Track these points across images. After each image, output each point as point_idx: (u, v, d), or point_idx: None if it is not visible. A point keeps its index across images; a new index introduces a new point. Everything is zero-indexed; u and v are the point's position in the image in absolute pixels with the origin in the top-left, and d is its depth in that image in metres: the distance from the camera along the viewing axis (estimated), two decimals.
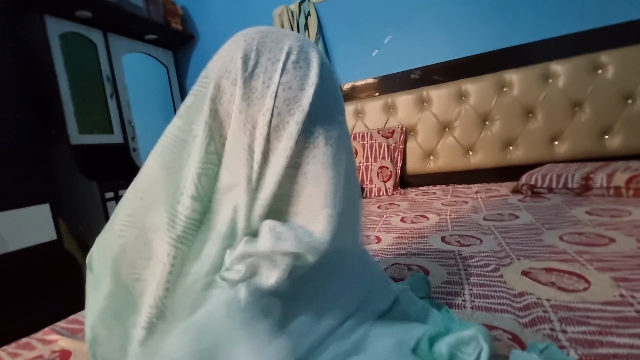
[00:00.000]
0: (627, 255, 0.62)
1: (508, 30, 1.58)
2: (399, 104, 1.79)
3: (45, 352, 0.56)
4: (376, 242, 0.91)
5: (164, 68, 2.33)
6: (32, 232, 1.43)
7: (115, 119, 1.89)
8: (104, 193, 1.57)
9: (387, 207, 1.35)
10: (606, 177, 1.06)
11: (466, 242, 0.81)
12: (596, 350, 0.38)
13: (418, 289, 0.55)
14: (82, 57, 1.76)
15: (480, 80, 1.60)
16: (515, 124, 1.55)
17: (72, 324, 0.67)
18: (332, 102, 0.39)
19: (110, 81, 1.87)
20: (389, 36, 1.81)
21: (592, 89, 1.40)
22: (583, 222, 0.84)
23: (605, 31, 1.41)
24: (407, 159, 1.78)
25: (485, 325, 0.46)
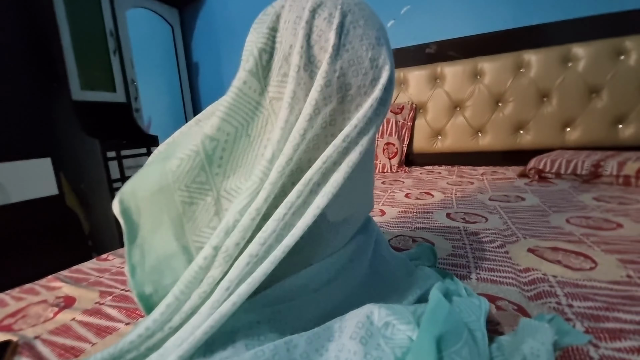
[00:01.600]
0: (634, 240, 0.62)
1: (530, 8, 1.50)
2: (411, 79, 1.74)
3: (49, 297, 0.56)
4: (380, 214, 0.90)
5: (169, 27, 2.24)
6: (33, 185, 1.42)
7: (117, 77, 1.84)
8: (106, 152, 1.55)
9: (391, 183, 1.34)
10: (617, 165, 1.04)
11: (472, 219, 0.81)
12: (602, 324, 0.38)
13: (424, 258, 0.55)
14: (85, 9, 1.68)
15: (497, 59, 1.54)
16: (528, 107, 1.51)
17: (76, 273, 0.67)
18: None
19: (113, 37, 1.80)
20: (406, 6, 1.73)
21: (612, 75, 1.36)
22: (590, 207, 0.83)
23: (632, 15, 1.34)
24: (414, 137, 1.76)
25: (491, 295, 0.46)
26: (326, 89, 0.34)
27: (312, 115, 0.34)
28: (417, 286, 0.43)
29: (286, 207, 0.34)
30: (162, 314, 0.34)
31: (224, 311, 0.31)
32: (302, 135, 0.34)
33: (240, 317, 0.35)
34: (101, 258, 0.75)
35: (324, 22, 0.35)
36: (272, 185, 0.34)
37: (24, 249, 1.38)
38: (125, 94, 1.88)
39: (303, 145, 0.35)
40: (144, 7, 2.05)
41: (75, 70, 1.59)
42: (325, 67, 0.34)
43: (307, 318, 0.37)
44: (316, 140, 0.36)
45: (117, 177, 1.59)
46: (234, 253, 0.34)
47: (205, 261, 0.35)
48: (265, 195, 0.34)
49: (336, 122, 0.36)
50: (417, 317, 0.33)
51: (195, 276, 0.35)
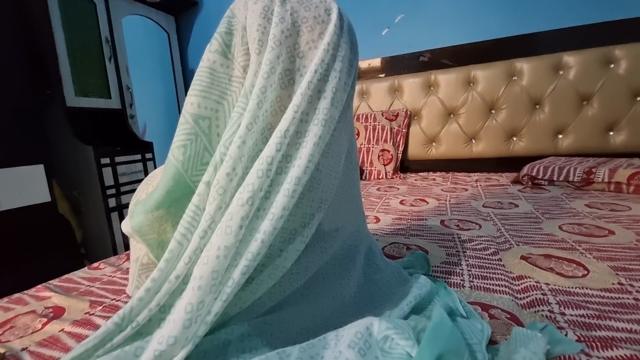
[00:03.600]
0: (626, 247, 0.62)
1: (522, 17, 1.53)
2: (405, 87, 1.75)
3: (38, 308, 0.55)
4: (375, 222, 0.90)
5: (165, 33, 2.25)
6: (26, 192, 1.41)
7: (113, 84, 1.83)
8: (100, 159, 1.54)
9: (386, 189, 1.34)
10: (609, 171, 1.06)
11: (465, 226, 0.81)
12: (594, 332, 0.38)
13: (418, 266, 0.55)
14: (81, 16, 1.69)
15: (490, 67, 1.56)
16: (521, 115, 1.53)
17: (66, 282, 0.66)
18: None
19: (109, 43, 1.80)
20: (400, 15, 1.75)
21: (602, 83, 1.38)
22: (583, 214, 0.84)
23: (622, 24, 1.37)
24: (409, 144, 1.77)
25: (484, 304, 0.46)
26: (281, 24, 0.37)
27: (273, 49, 0.37)
28: (411, 295, 0.43)
29: (269, 155, 0.35)
30: (167, 261, 0.34)
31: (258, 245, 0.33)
32: (270, 68, 0.37)
33: (233, 329, 0.34)
34: (92, 267, 0.74)
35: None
36: (251, 113, 0.36)
37: (15, 256, 1.36)
38: (120, 100, 1.88)
39: (274, 77, 0.37)
40: (140, 14, 2.05)
41: (70, 77, 1.59)
42: (277, 10, 0.38)
43: (298, 329, 0.37)
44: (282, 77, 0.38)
45: (111, 184, 1.58)
46: (226, 185, 0.35)
47: (199, 198, 0.35)
48: (246, 123, 0.35)
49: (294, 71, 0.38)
50: (417, 333, 0.33)
51: (193, 217, 0.35)
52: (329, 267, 0.42)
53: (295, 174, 0.35)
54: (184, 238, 0.35)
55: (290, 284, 0.39)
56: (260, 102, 0.36)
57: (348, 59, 0.39)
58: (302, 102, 0.36)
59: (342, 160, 0.43)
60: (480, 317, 0.42)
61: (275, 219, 0.34)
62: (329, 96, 0.37)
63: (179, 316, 0.31)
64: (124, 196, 1.63)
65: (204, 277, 0.32)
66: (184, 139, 0.39)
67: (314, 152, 0.36)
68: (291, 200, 0.35)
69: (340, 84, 0.38)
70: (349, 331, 0.33)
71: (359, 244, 0.48)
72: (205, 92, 0.39)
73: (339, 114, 0.39)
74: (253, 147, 0.36)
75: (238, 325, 0.35)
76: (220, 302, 0.32)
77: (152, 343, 0.31)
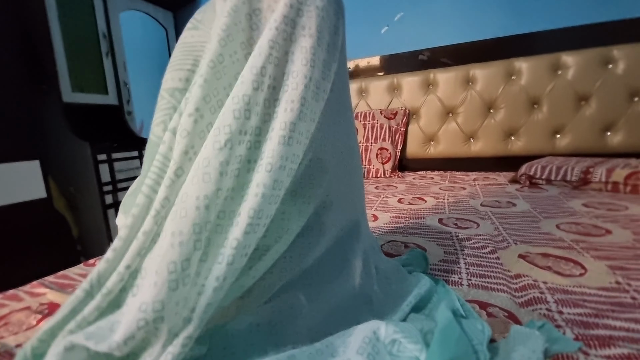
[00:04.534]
0: (623, 246, 0.62)
1: (521, 17, 1.53)
2: (404, 85, 1.75)
3: (33, 304, 0.55)
4: (373, 220, 0.90)
5: (163, 30, 2.23)
6: (21, 188, 1.40)
7: (110, 79, 1.82)
8: (96, 155, 1.53)
9: (384, 188, 1.34)
10: (606, 171, 1.06)
11: (463, 225, 0.81)
12: (592, 331, 0.38)
13: (416, 264, 0.55)
14: (78, 11, 1.67)
15: (489, 66, 1.56)
16: (519, 114, 1.53)
17: (61, 279, 0.65)
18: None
19: (106, 39, 1.79)
20: (400, 13, 1.75)
21: (600, 83, 1.38)
22: (580, 213, 0.84)
23: (620, 25, 1.37)
24: (407, 142, 1.77)
25: (482, 302, 0.46)
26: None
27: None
28: (411, 295, 0.43)
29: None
30: (134, 217, 0.31)
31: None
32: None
33: (241, 320, 0.33)
34: (88, 263, 0.74)
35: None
36: (212, 49, 0.33)
37: (10, 253, 1.35)
38: (117, 96, 1.86)
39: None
40: (138, 9, 2.04)
41: (67, 72, 1.57)
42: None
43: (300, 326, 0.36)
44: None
45: (108, 181, 1.56)
46: (190, 127, 0.31)
47: (165, 146, 0.33)
48: (208, 60, 0.33)
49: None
50: (424, 335, 0.33)
51: (160, 167, 0.32)
52: (328, 257, 0.42)
53: (289, 119, 0.32)
54: (152, 191, 0.32)
55: (287, 267, 0.38)
56: (223, 40, 0.33)
57: (326, 9, 0.36)
58: (277, 37, 0.33)
59: (342, 127, 0.41)
60: (479, 316, 0.42)
61: (274, 169, 0.31)
62: (313, 34, 0.34)
63: (160, 278, 0.27)
64: (120, 193, 1.62)
65: (184, 231, 0.28)
66: (162, 114, 0.36)
67: (305, 94, 0.33)
68: (288, 149, 0.31)
69: (325, 25, 0.35)
70: (356, 337, 0.33)
71: (360, 234, 0.47)
72: (176, 65, 0.37)
73: (333, 62, 0.36)
74: (224, 90, 0.33)
75: (247, 315, 0.34)
76: (225, 265, 0.29)
77: (129, 314, 0.27)
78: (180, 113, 0.33)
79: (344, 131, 0.43)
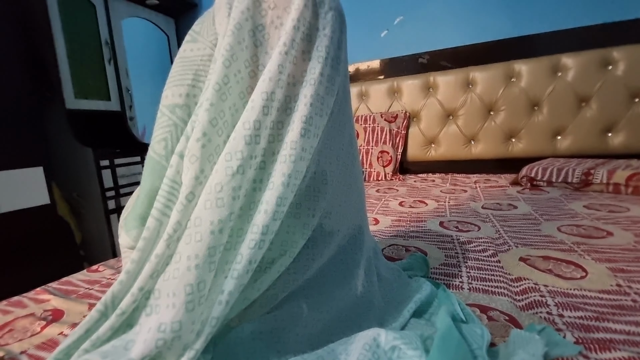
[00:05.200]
0: (624, 248, 0.62)
1: (520, 19, 1.54)
2: (405, 89, 1.76)
3: (37, 311, 0.55)
4: (374, 223, 0.90)
5: (165, 36, 2.25)
6: (25, 195, 1.41)
7: (112, 86, 1.84)
8: (99, 161, 1.54)
9: (385, 191, 1.34)
10: (607, 173, 1.06)
11: (464, 228, 0.81)
12: (593, 334, 0.38)
13: (417, 268, 0.55)
14: (81, 18, 1.69)
15: (488, 68, 1.57)
16: (519, 116, 1.53)
17: (65, 285, 0.66)
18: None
19: (108, 46, 1.81)
20: (399, 17, 1.76)
21: (600, 85, 1.39)
22: (581, 215, 0.84)
23: (620, 26, 1.38)
24: (408, 145, 1.77)
25: (482, 306, 0.46)
26: (240, 5, 0.35)
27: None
28: (412, 301, 0.43)
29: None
30: (145, 240, 0.32)
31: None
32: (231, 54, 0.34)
33: (244, 327, 0.34)
34: (92, 269, 0.74)
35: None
36: (216, 73, 0.34)
37: (14, 259, 1.35)
38: (119, 102, 1.88)
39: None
40: (140, 16, 2.06)
41: (70, 79, 1.59)
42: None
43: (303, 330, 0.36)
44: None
45: (111, 186, 1.57)
46: (198, 152, 0.32)
47: (173, 170, 0.33)
48: (213, 83, 0.34)
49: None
50: (424, 341, 0.33)
51: (169, 191, 0.33)
52: (331, 266, 0.42)
53: (292, 139, 0.33)
54: (162, 214, 0.33)
55: (290, 279, 0.39)
56: (227, 61, 0.34)
57: (331, 26, 0.36)
58: (285, 61, 0.34)
59: (345, 136, 0.41)
60: (479, 320, 0.42)
61: (275, 187, 0.32)
62: (320, 55, 0.35)
63: (179, 300, 0.28)
64: (123, 198, 1.63)
65: (199, 255, 0.30)
66: (163, 132, 0.36)
67: (311, 113, 0.33)
68: (292, 166, 0.32)
69: (331, 44, 0.36)
70: (356, 344, 0.33)
71: (361, 238, 0.48)
72: (176, 80, 0.37)
73: (337, 75, 0.36)
74: (229, 110, 0.34)
75: (249, 323, 0.35)
76: (232, 280, 0.30)
77: (146, 332, 0.28)
78: (187, 136, 0.34)
79: (346, 141, 0.43)
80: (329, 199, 0.40)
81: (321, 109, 0.35)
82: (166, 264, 0.31)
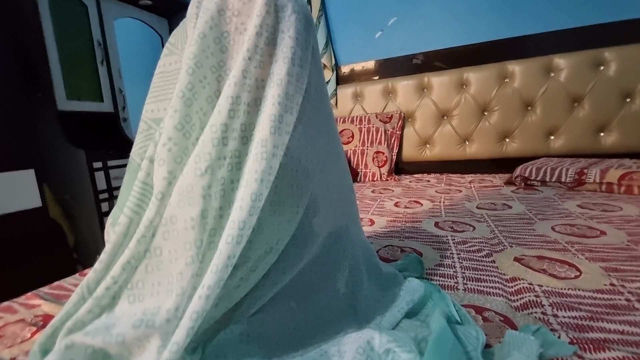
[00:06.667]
0: (617, 247, 0.63)
1: (513, 20, 1.55)
2: (399, 89, 1.76)
3: (27, 316, 0.54)
4: (369, 224, 0.90)
5: (158, 37, 2.24)
6: (16, 197, 1.39)
7: (105, 87, 1.82)
8: (92, 162, 1.52)
9: (381, 191, 1.35)
10: (600, 172, 1.07)
11: (459, 228, 0.81)
12: (587, 334, 0.38)
13: (412, 269, 0.55)
14: (72, 19, 1.67)
15: (482, 69, 1.58)
16: (513, 116, 1.54)
17: (56, 289, 0.65)
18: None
19: (101, 46, 1.79)
20: (393, 18, 1.76)
21: (593, 85, 1.40)
22: (575, 215, 0.85)
23: (611, 27, 1.39)
24: (403, 146, 1.77)
25: (477, 306, 0.46)
26: (204, 14, 0.36)
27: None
28: (404, 301, 0.43)
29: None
30: (117, 235, 0.36)
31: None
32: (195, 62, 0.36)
33: (232, 329, 0.34)
34: (83, 273, 0.73)
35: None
36: (182, 81, 0.36)
37: (6, 263, 1.33)
38: (112, 103, 1.86)
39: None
40: (133, 16, 2.04)
41: (61, 80, 1.57)
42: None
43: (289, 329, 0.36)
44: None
45: (104, 188, 1.56)
46: (165, 155, 0.35)
47: (143, 173, 0.36)
48: (178, 90, 0.35)
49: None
50: (418, 343, 0.33)
51: (140, 192, 0.36)
52: (314, 265, 0.42)
53: (261, 137, 0.34)
54: (134, 213, 0.36)
55: (278, 279, 0.39)
56: (190, 69, 0.35)
57: (295, 28, 0.37)
58: (249, 66, 0.35)
59: (324, 135, 0.43)
60: (474, 321, 0.42)
61: (249, 184, 0.33)
62: (285, 57, 0.36)
63: (163, 288, 0.32)
64: (116, 200, 1.61)
65: (178, 250, 0.32)
66: (148, 143, 0.39)
67: (278, 111, 0.34)
68: (265, 163, 0.33)
69: (299, 45, 0.37)
70: (350, 347, 0.33)
71: (348, 240, 0.48)
72: (159, 95, 0.39)
73: (305, 74, 0.37)
74: (196, 114, 0.35)
75: (237, 325, 0.35)
76: (212, 274, 0.31)
77: (132, 316, 0.32)
78: (155, 142, 0.36)
79: (325, 140, 0.44)
80: (315, 196, 0.40)
81: (291, 106, 0.36)
82: (139, 259, 0.34)
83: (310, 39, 0.39)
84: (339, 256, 0.45)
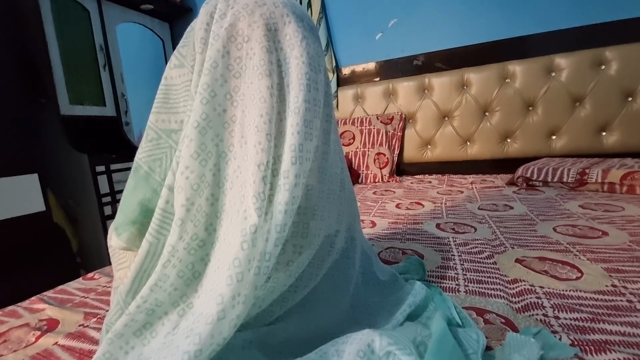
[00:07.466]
0: (619, 248, 0.63)
1: (514, 20, 1.55)
2: (400, 90, 1.76)
3: (32, 320, 0.55)
4: (371, 226, 0.90)
5: (160, 41, 2.25)
6: (20, 202, 1.40)
7: (107, 91, 1.83)
8: (95, 167, 1.53)
9: (382, 193, 1.35)
10: (602, 172, 1.06)
11: (461, 229, 0.81)
12: (588, 336, 0.38)
13: (413, 271, 0.55)
14: (75, 24, 1.68)
15: (483, 70, 1.58)
16: (514, 117, 1.54)
17: (60, 294, 0.66)
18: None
19: (103, 51, 1.80)
20: (393, 19, 1.76)
21: (594, 84, 1.40)
22: (577, 215, 0.85)
23: (612, 26, 1.39)
24: (404, 147, 1.77)
25: (479, 309, 0.46)
26: (221, 20, 0.37)
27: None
28: (406, 304, 0.43)
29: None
30: (142, 258, 0.36)
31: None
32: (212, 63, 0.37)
33: (236, 335, 0.34)
34: (87, 277, 0.74)
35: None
36: (196, 110, 0.36)
37: (10, 267, 1.34)
38: (115, 108, 1.87)
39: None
40: (135, 21, 2.05)
41: (64, 85, 1.58)
42: (220, 6, 0.38)
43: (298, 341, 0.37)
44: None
45: (107, 192, 1.57)
46: (184, 184, 0.35)
47: (163, 201, 0.37)
48: (192, 120, 0.36)
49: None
50: (417, 346, 0.33)
51: (161, 219, 0.37)
52: (324, 280, 0.42)
53: (284, 169, 0.35)
54: (154, 238, 0.37)
55: (293, 295, 0.40)
56: (205, 99, 0.36)
57: (307, 53, 0.38)
58: (270, 109, 0.36)
59: (333, 148, 0.43)
60: (475, 323, 0.42)
61: (275, 217, 0.34)
62: (302, 82, 0.36)
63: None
64: (118, 204, 1.62)
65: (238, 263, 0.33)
66: (160, 152, 0.40)
67: (298, 140, 0.35)
68: (287, 195, 0.34)
69: (314, 68, 0.38)
70: (350, 348, 0.33)
71: (353, 250, 0.48)
72: (170, 107, 0.40)
73: (320, 97, 0.38)
74: (212, 141, 0.36)
75: (242, 332, 0.35)
76: (241, 305, 0.31)
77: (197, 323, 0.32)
78: (173, 171, 0.37)
79: (336, 155, 0.44)
80: (329, 211, 0.41)
81: (310, 133, 0.36)
82: (162, 281, 0.35)
83: (322, 61, 0.40)
84: (347, 272, 0.45)
